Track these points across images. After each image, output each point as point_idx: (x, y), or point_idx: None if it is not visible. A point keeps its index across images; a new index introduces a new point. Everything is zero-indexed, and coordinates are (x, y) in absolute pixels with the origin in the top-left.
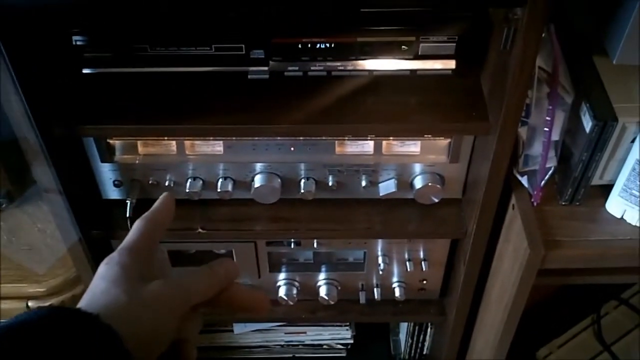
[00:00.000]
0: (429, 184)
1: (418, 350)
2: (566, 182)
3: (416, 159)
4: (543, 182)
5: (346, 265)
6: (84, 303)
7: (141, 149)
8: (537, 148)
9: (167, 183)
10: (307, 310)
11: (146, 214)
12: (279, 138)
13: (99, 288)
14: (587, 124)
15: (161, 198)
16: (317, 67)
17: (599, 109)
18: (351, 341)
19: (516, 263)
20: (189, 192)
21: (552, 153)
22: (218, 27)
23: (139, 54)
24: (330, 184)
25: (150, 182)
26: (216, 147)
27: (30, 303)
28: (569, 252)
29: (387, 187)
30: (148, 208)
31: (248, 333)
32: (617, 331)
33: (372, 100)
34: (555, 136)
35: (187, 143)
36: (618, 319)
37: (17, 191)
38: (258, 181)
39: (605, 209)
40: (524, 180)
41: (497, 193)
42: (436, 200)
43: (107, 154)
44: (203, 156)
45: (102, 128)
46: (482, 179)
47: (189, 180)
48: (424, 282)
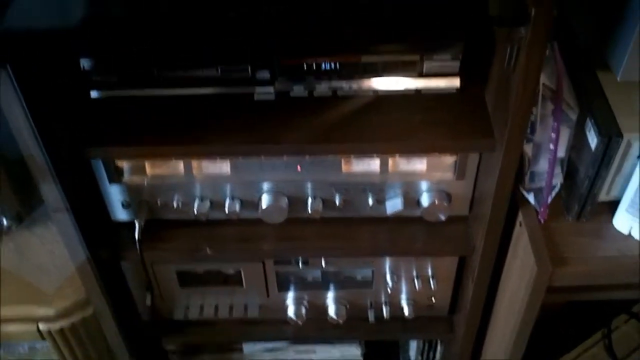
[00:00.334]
0: (436, 202)
1: None
2: (573, 199)
3: (422, 177)
4: (549, 199)
5: (354, 283)
6: None
7: (149, 170)
8: (543, 165)
9: (175, 204)
10: (316, 328)
11: None
12: (286, 157)
13: None
14: (592, 141)
15: None
16: (323, 87)
17: (604, 126)
18: (361, 359)
19: (524, 280)
20: (197, 213)
21: (558, 169)
22: (224, 49)
23: (146, 77)
24: (337, 203)
25: (158, 203)
26: (223, 168)
27: (40, 325)
28: (577, 269)
29: (394, 205)
30: (156, 229)
31: (258, 352)
32: (628, 345)
33: (378, 118)
34: (560, 153)
35: (195, 164)
36: (629, 333)
37: (26, 212)
38: (265, 201)
39: (612, 225)
40: (531, 197)
41: (504, 210)
42: (443, 217)
43: (115, 175)
44: (210, 176)
45: (110, 150)
46: (489, 196)
47: (197, 201)
48: (433, 299)
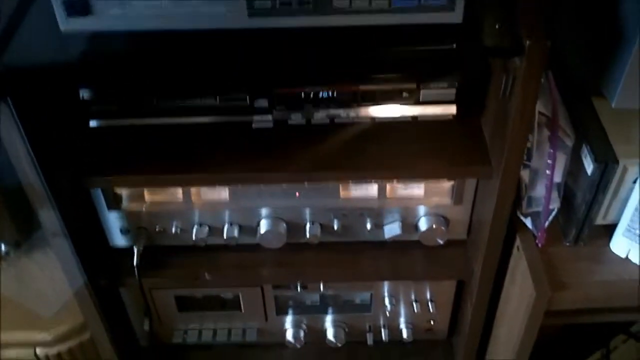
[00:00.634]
0: (434, 226)
1: None
2: (570, 223)
3: (420, 202)
4: (547, 224)
5: (353, 307)
6: None
7: (148, 197)
8: (540, 190)
9: (174, 230)
10: (315, 352)
11: None
12: (284, 184)
13: None
14: (589, 167)
15: None
16: (320, 115)
17: (600, 152)
18: None
19: (522, 304)
20: (196, 239)
21: (555, 194)
22: (222, 79)
23: (145, 106)
24: (335, 228)
25: (157, 230)
26: (222, 194)
27: (38, 350)
28: (575, 294)
29: (392, 230)
30: (155, 255)
31: None
32: None
33: (375, 145)
34: (557, 178)
35: (193, 190)
36: (627, 353)
37: (24, 238)
38: (264, 227)
39: (609, 249)
40: (528, 222)
41: (502, 235)
42: (441, 242)
43: (114, 202)
44: (209, 203)
45: (109, 179)
46: (487, 221)
47: (195, 227)
48: (432, 323)
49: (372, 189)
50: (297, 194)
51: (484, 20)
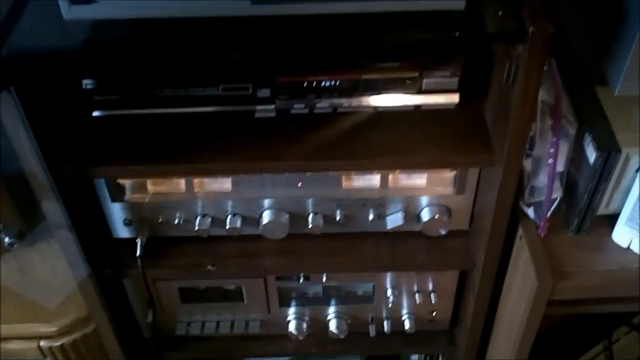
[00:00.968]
0: (436, 216)
1: None
2: (572, 213)
3: (422, 192)
4: (549, 213)
5: (355, 298)
6: None
7: (151, 188)
8: (542, 179)
9: (177, 221)
10: (317, 344)
11: None
12: (287, 174)
13: None
14: (591, 155)
15: None
16: (323, 105)
17: (602, 140)
18: None
19: (525, 294)
20: (198, 230)
21: (558, 184)
22: (225, 68)
23: (147, 96)
24: (337, 218)
25: (160, 221)
26: (224, 185)
27: (42, 343)
28: (577, 283)
29: (395, 220)
30: (158, 246)
31: None
32: (629, 357)
33: (377, 135)
34: (560, 167)
35: (196, 181)
36: (629, 345)
37: (28, 229)
38: (266, 217)
39: (611, 239)
40: (530, 211)
41: (504, 224)
42: (443, 232)
43: (117, 194)
44: (212, 193)
45: (112, 169)
46: (489, 211)
47: (198, 217)
48: (434, 314)
49: (375, 179)
50: (300, 184)
51: (487, 7)
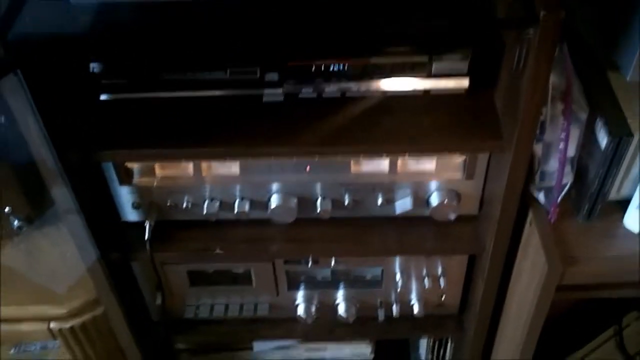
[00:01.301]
0: (445, 201)
1: None
2: (583, 198)
3: (431, 177)
4: (559, 198)
5: (364, 282)
6: None
7: (159, 172)
8: (553, 164)
9: (185, 205)
10: (326, 328)
11: None
12: (295, 159)
13: None
14: (603, 140)
15: None
16: (331, 89)
17: (614, 125)
18: (371, 357)
19: (534, 279)
20: (207, 214)
21: (568, 169)
22: (233, 52)
23: (155, 80)
24: (346, 203)
25: (168, 204)
26: (233, 169)
27: (51, 325)
28: (587, 269)
29: (403, 205)
30: (166, 229)
31: (268, 351)
32: None
33: (386, 120)
34: (570, 152)
35: (204, 165)
36: None
37: (36, 213)
38: (275, 201)
39: (622, 224)
40: (541, 196)
41: (514, 210)
42: (452, 217)
43: (125, 177)
44: (220, 178)
45: (119, 153)
46: (498, 196)
47: (207, 201)
48: (443, 298)
49: (383, 164)
50: (308, 169)
51: None
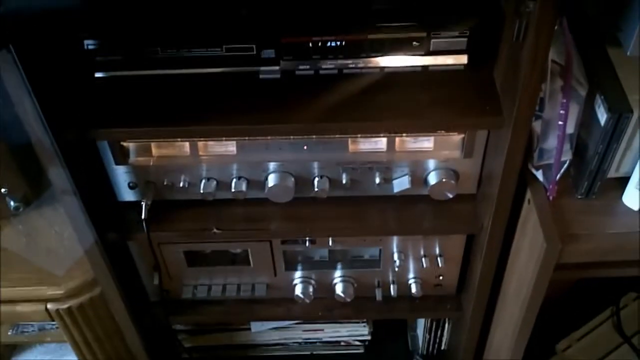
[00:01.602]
0: (443, 180)
1: (436, 345)
2: (582, 176)
3: (430, 155)
4: (558, 176)
5: (362, 262)
6: None
7: (155, 151)
8: (552, 142)
9: (182, 184)
10: (324, 308)
11: None
12: (292, 137)
13: None
14: (602, 117)
15: None
16: (328, 66)
17: (614, 101)
18: (369, 337)
19: (533, 258)
20: (203, 193)
21: (567, 146)
22: (228, 28)
23: (150, 57)
24: (344, 182)
25: (164, 184)
26: (229, 148)
27: (49, 305)
28: (586, 246)
29: (401, 184)
30: (163, 209)
31: (265, 331)
32: (637, 323)
33: (384, 97)
34: (570, 129)
35: (200, 144)
36: (637, 311)
37: (34, 194)
38: (272, 180)
39: (621, 202)
40: (539, 174)
41: (512, 188)
42: (451, 196)
43: (121, 157)
44: (216, 157)
45: (115, 131)
46: (497, 174)
47: (203, 181)
48: (441, 278)
49: (381, 142)
50: (305, 147)
51: None
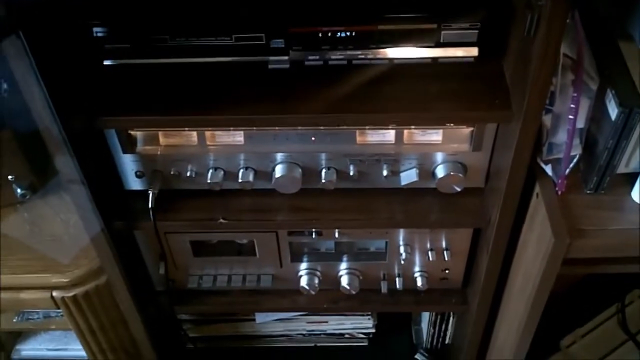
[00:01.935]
0: (451, 173)
1: (440, 339)
2: (591, 171)
3: (438, 148)
4: (567, 171)
5: (368, 255)
6: None
7: (162, 140)
8: (562, 136)
9: (189, 174)
10: (329, 300)
11: None
12: (300, 128)
13: None
14: (613, 111)
15: None
16: (338, 56)
17: (625, 96)
18: (373, 330)
19: (540, 252)
20: (211, 183)
21: (577, 141)
22: (238, 17)
23: (159, 45)
24: (351, 174)
25: (172, 173)
26: (237, 138)
27: (54, 293)
28: (594, 242)
29: (409, 177)
30: (169, 198)
31: (270, 322)
32: None
33: (393, 88)
34: (580, 124)
35: (208, 134)
36: None
37: (40, 182)
38: (279, 171)
39: (630, 198)
40: (548, 168)
41: (521, 182)
42: (458, 189)
43: (129, 145)
44: (224, 147)
45: (123, 120)
46: (505, 168)
47: (210, 170)
48: (446, 272)
49: (389, 135)
50: (313, 138)
51: None
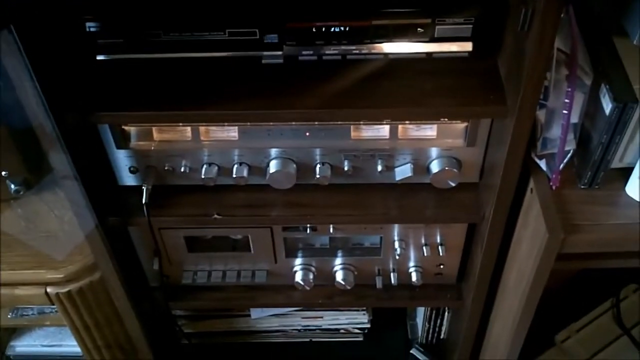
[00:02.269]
0: (446, 168)
1: (435, 334)
2: (585, 166)
3: (432, 143)
4: (562, 166)
5: (362, 250)
6: None
7: (156, 136)
8: (556, 131)
9: (183, 169)
10: (324, 295)
11: None
12: (294, 123)
13: None
14: (607, 106)
15: None
16: (332, 51)
17: (619, 91)
18: (368, 325)
19: (534, 247)
20: (205, 178)
21: (571, 136)
22: (232, 12)
23: (153, 40)
24: (345, 169)
25: (165, 168)
26: (231, 133)
27: (48, 289)
28: (588, 237)
29: (403, 172)
30: (164, 194)
31: (265, 318)
32: (637, 315)
33: (388, 84)
34: (574, 119)
35: (202, 129)
36: (637, 303)
37: (35, 178)
38: (273, 167)
39: (624, 193)
40: (542, 163)
41: (515, 177)
42: (453, 184)
43: (122, 141)
44: (218, 142)
45: (116, 115)
46: (500, 163)
47: (205, 166)
48: (441, 267)
49: (384, 130)
50: (307, 134)
51: None
